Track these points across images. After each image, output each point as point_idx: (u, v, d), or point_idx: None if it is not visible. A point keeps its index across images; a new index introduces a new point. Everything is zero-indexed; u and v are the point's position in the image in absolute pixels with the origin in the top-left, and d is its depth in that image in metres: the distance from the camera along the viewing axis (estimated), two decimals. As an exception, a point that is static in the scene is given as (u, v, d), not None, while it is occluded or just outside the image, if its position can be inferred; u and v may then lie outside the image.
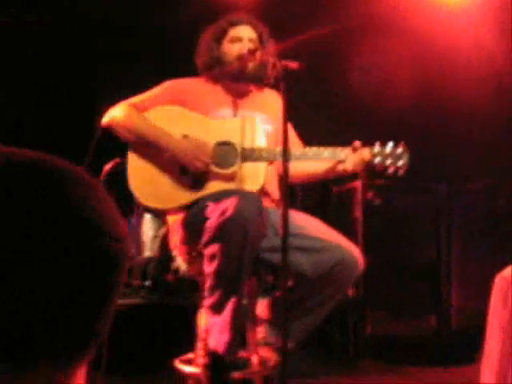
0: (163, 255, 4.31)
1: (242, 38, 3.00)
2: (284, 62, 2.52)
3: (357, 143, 2.81)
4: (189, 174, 2.83)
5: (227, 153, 2.83)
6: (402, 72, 4.80)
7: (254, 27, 3.04)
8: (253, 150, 2.82)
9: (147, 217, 4.65)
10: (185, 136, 2.86)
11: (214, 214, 2.59)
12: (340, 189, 4.82)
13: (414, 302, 4.45)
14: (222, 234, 2.54)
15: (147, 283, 4.28)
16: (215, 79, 3.04)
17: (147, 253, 4.57)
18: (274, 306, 2.90)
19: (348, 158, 2.80)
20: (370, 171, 2.97)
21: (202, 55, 3.06)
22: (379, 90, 4.93)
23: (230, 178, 2.82)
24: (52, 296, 0.73)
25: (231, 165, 2.83)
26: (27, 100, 4.97)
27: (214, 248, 2.57)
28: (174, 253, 4.18)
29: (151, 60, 5.03)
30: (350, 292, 4.37)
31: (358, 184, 4.45)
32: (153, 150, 2.84)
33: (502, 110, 4.52)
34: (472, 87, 4.64)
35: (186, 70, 3.08)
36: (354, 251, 2.76)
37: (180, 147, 2.80)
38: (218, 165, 2.83)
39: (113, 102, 2.92)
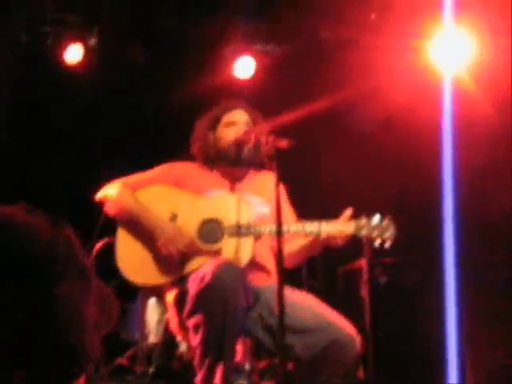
0: (168, 341, 4.25)
1: (236, 122, 3.05)
2: (275, 141, 2.56)
3: (348, 212, 2.81)
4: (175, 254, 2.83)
5: (214, 229, 2.84)
6: (393, 139, 4.85)
7: (248, 112, 3.10)
8: (239, 226, 2.83)
9: (152, 302, 4.61)
10: (173, 214, 2.88)
11: (194, 283, 2.58)
12: (345, 268, 4.78)
13: (427, 379, 4.33)
14: (201, 302, 2.54)
15: (151, 370, 4.21)
16: (211, 165, 3.08)
17: (152, 338, 4.52)
18: None
19: (331, 232, 2.79)
20: (370, 248, 2.96)
21: (197, 142, 3.11)
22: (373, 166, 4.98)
23: (217, 253, 2.81)
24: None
25: (217, 241, 2.83)
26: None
27: (196, 318, 2.58)
28: (179, 338, 4.15)
29: (149, 142, 5.14)
30: (361, 374, 4.27)
31: (364, 263, 4.41)
32: (140, 228, 2.85)
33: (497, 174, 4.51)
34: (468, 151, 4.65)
35: (183, 153, 3.13)
36: (350, 330, 2.70)
37: (161, 229, 2.82)
38: (205, 241, 2.84)
39: (108, 179, 2.99)
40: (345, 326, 2.71)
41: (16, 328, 0.80)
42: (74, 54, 5.19)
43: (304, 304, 2.79)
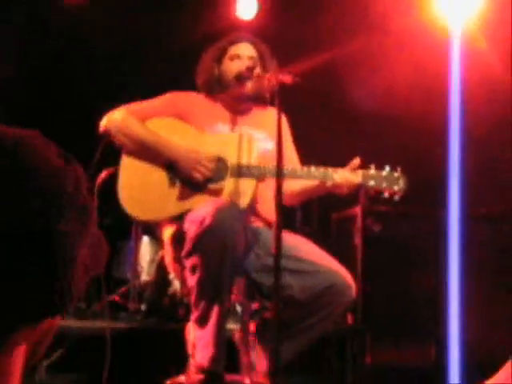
0: (160, 279, 4.28)
1: (241, 56, 2.99)
2: (279, 77, 2.51)
3: (356, 161, 2.78)
4: (176, 187, 2.81)
5: (218, 168, 2.81)
6: (400, 96, 4.80)
7: (255, 45, 3.03)
8: (243, 166, 2.80)
9: (145, 240, 4.63)
10: None
11: (193, 225, 2.56)
12: (339, 215, 4.79)
13: (415, 330, 4.38)
14: (200, 244, 2.51)
15: (143, 307, 4.24)
16: (215, 97, 3.04)
17: (144, 277, 4.55)
18: (261, 329, 2.85)
19: (339, 179, 2.76)
20: (367, 195, 2.94)
21: (202, 74, 3.06)
22: (379, 113, 4.93)
23: (217, 192, 2.79)
24: None
25: (220, 180, 2.80)
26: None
27: (194, 259, 2.55)
28: (171, 276, 4.17)
29: (152, 73, 5.08)
30: (350, 320, 4.32)
31: (358, 210, 4.42)
32: (144, 161, 2.82)
33: (500, 136, 4.50)
34: (472, 112, 4.63)
35: (188, 85, 3.09)
36: (346, 276, 2.72)
37: (180, 154, 2.78)
38: (207, 179, 2.81)
39: (111, 106, 2.91)
40: (342, 273, 2.72)
41: (9, 253, 0.78)
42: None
43: (303, 247, 2.80)
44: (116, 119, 2.85)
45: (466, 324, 4.31)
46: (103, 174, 3.87)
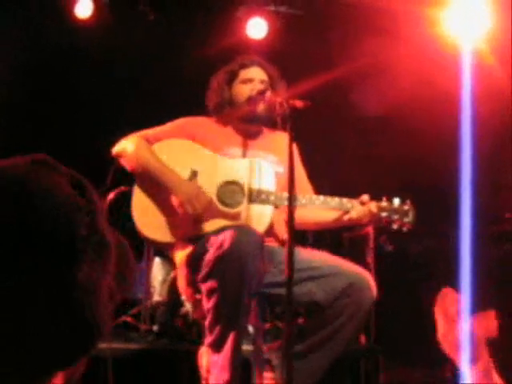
0: (172, 300, 4.27)
1: (252, 79, 3.02)
2: (290, 101, 2.53)
3: (365, 196, 2.81)
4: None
5: (234, 192, 2.82)
6: (410, 110, 4.80)
7: (265, 69, 3.06)
8: (260, 191, 2.81)
9: (157, 261, 4.62)
10: (193, 171, 2.85)
11: (212, 247, 2.56)
12: (352, 235, 4.77)
13: (429, 350, 4.35)
14: (218, 267, 2.51)
15: (155, 328, 4.23)
16: (226, 120, 3.05)
17: (156, 297, 4.53)
18: (282, 348, 2.84)
19: (355, 208, 2.78)
20: (377, 225, 2.96)
21: (212, 97, 3.08)
22: (391, 137, 4.94)
23: (235, 217, 2.79)
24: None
25: (237, 204, 2.81)
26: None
27: (211, 283, 2.54)
28: (183, 297, 4.16)
29: (166, 99, 5.10)
30: (362, 339, 4.30)
31: (370, 230, 4.41)
32: (157, 184, 2.83)
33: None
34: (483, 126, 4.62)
35: (200, 108, 3.11)
36: (365, 275, 2.73)
37: (179, 187, 2.78)
38: (224, 203, 2.81)
39: (125, 133, 2.95)
40: (360, 271, 2.75)
41: (29, 313, 0.76)
42: (84, 9, 5.14)
43: (317, 257, 2.82)
44: (127, 145, 2.88)
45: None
46: (112, 194, 3.89)
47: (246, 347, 3.12)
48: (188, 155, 2.89)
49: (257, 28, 5.31)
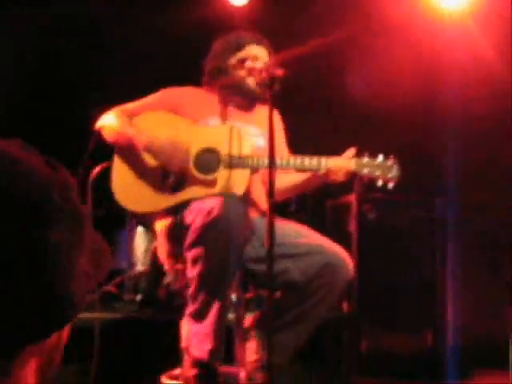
0: (155, 269, 4.26)
1: (257, 58, 2.99)
2: (270, 70, 2.50)
3: (351, 151, 2.77)
4: (170, 179, 2.80)
5: (210, 159, 2.81)
6: (399, 83, 4.77)
7: (269, 53, 3.03)
8: (236, 157, 2.79)
9: (139, 230, 4.61)
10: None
11: (199, 215, 2.55)
12: (334, 203, 4.77)
13: (410, 316, 4.38)
14: (206, 235, 2.51)
15: (138, 298, 4.24)
16: (214, 89, 3.03)
17: (139, 267, 4.53)
18: (261, 320, 2.85)
19: (332, 167, 2.75)
20: (361, 183, 2.93)
21: (212, 62, 3.06)
22: (375, 100, 4.90)
23: (212, 183, 2.79)
24: None
25: (213, 171, 2.81)
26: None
27: (197, 251, 2.55)
28: (165, 267, 4.16)
29: (152, 67, 5.04)
30: (345, 307, 4.32)
31: (353, 198, 4.39)
32: (137, 155, 2.82)
33: (496, 122, 4.48)
34: (468, 96, 4.61)
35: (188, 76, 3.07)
36: (342, 254, 2.75)
37: (160, 148, 2.78)
38: (200, 170, 2.80)
39: (108, 107, 2.97)
40: (338, 251, 2.75)
41: (2, 273, 0.76)
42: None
43: (296, 232, 2.82)
44: (109, 120, 2.89)
45: (461, 309, 4.32)
46: (97, 169, 3.86)
47: (229, 316, 3.14)
48: (164, 126, 2.89)
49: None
